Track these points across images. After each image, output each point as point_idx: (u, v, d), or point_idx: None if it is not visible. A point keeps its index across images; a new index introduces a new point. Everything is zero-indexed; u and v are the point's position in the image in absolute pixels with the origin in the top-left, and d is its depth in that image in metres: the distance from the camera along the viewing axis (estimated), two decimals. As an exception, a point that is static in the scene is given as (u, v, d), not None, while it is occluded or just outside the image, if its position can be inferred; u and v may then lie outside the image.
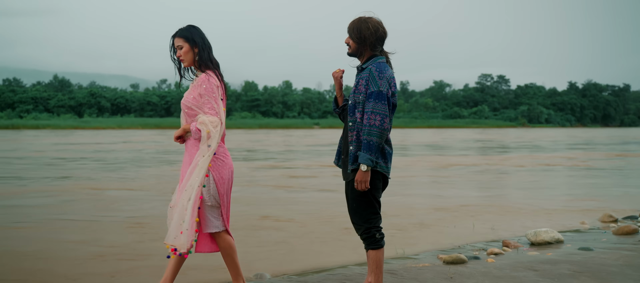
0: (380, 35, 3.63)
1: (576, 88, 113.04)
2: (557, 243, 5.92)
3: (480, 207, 8.55)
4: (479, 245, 5.93)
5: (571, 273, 4.47)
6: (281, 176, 13.15)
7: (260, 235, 6.49)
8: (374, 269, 3.67)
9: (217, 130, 3.39)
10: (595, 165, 16.85)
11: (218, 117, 3.42)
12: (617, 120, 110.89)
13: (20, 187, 10.80)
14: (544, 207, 8.54)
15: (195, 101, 3.45)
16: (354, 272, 4.74)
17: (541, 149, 25.88)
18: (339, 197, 8.98)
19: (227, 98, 3.66)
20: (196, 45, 3.52)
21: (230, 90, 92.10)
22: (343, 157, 3.79)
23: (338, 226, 6.91)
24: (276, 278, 4.63)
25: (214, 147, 3.40)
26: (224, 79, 3.63)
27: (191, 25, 3.59)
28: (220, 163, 3.49)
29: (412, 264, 4.96)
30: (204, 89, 3.43)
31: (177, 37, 3.55)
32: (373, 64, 3.61)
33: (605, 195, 10.07)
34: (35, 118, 71.67)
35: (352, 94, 3.68)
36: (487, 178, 13.19)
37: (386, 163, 3.64)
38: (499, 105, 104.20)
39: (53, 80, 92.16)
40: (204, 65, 3.53)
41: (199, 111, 3.44)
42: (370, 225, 3.66)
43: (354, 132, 3.63)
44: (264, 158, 19.11)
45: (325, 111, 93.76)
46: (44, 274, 4.78)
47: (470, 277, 4.42)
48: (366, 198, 3.63)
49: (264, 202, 9.00)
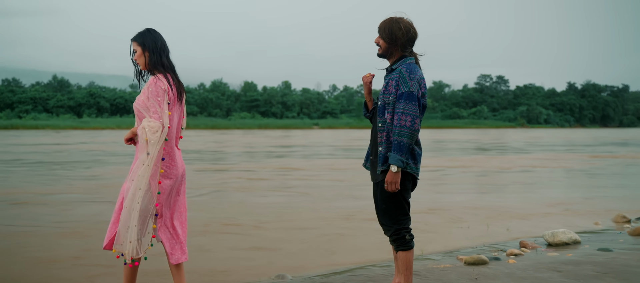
0: (411, 36, 3.62)
1: (575, 88, 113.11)
2: (575, 244, 5.92)
3: (488, 208, 8.54)
4: (496, 246, 5.91)
5: (596, 274, 4.46)
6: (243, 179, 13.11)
7: (267, 237, 6.48)
8: (403, 270, 3.65)
9: (157, 136, 3.31)
10: (572, 166, 16.84)
11: (160, 121, 3.36)
12: (616, 121, 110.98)
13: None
14: (554, 208, 8.53)
15: (143, 104, 3.40)
16: (376, 273, 4.72)
17: (525, 151, 25.89)
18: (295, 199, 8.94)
19: (182, 102, 3.57)
20: (147, 49, 3.51)
21: (229, 90, 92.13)
22: (372, 158, 3.78)
23: (339, 225, 6.89)
24: (297, 278, 4.62)
25: (154, 154, 3.32)
26: (179, 82, 3.54)
27: (147, 29, 3.57)
28: (165, 168, 3.43)
29: (432, 265, 4.95)
30: (150, 92, 3.38)
31: (132, 40, 3.56)
32: (403, 64, 3.60)
33: (605, 196, 10.07)
34: (34, 118, 71.52)
35: (381, 95, 3.66)
36: (489, 179, 13.18)
37: (416, 165, 3.63)
38: (498, 105, 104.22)
39: (52, 81, 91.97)
40: (154, 69, 3.50)
41: (146, 114, 3.40)
42: (400, 227, 3.65)
43: (383, 133, 3.61)
44: (211, 160, 19.08)
45: (324, 111, 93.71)
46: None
47: (495, 278, 4.41)
48: (396, 200, 3.62)
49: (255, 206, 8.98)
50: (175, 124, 3.50)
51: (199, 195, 9.68)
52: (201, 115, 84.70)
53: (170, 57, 3.58)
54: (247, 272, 4.93)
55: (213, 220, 7.45)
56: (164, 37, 3.59)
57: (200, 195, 9.78)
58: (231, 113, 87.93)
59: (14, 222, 7.24)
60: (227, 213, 8.03)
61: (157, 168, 3.35)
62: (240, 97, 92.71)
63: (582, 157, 20.84)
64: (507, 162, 17.96)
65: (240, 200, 9.30)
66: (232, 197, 9.77)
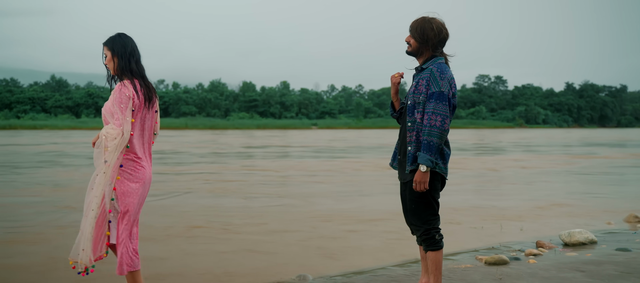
0: (443, 36, 3.61)
1: (573, 89, 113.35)
2: (591, 244, 5.92)
3: (498, 208, 8.54)
4: (512, 246, 5.90)
5: (619, 274, 4.46)
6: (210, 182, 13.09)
7: (274, 239, 6.46)
8: (433, 270, 3.64)
9: (115, 143, 3.29)
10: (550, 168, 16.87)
11: (121, 129, 3.32)
12: (614, 121, 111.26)
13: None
14: (562, 208, 8.53)
15: (109, 110, 3.39)
16: (397, 273, 4.72)
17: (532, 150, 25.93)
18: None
19: (153, 107, 3.53)
20: (116, 54, 3.49)
21: (227, 90, 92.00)
22: (400, 157, 3.77)
23: (341, 226, 6.88)
24: (319, 279, 4.61)
25: (111, 161, 3.30)
26: (148, 87, 3.50)
27: (118, 33, 3.55)
28: (127, 176, 3.39)
29: (453, 265, 4.94)
30: (115, 98, 3.37)
31: (104, 45, 3.54)
32: (433, 64, 3.59)
33: (608, 197, 10.08)
34: (32, 118, 71.42)
35: (411, 94, 3.65)
36: (492, 179, 13.19)
37: (445, 164, 3.62)
38: (497, 105, 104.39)
39: (50, 81, 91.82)
40: (123, 74, 3.48)
41: (111, 120, 3.37)
42: (429, 226, 3.64)
43: (413, 132, 3.60)
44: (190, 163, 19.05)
45: (323, 112, 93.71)
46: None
47: (519, 278, 4.41)
48: (425, 199, 3.61)
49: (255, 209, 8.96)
50: (142, 130, 3.46)
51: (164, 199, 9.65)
52: (200, 115, 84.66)
53: (140, 62, 3.54)
54: (266, 272, 4.92)
55: (210, 223, 7.44)
56: (135, 42, 3.55)
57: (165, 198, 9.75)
58: (230, 113, 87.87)
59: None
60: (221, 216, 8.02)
61: (115, 174, 3.33)
62: (238, 97, 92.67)
63: (574, 158, 20.87)
64: (497, 163, 17.98)
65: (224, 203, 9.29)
66: (201, 200, 9.76)
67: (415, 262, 5.19)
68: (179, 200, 9.17)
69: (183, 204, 8.73)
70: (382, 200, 9.32)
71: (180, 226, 6.95)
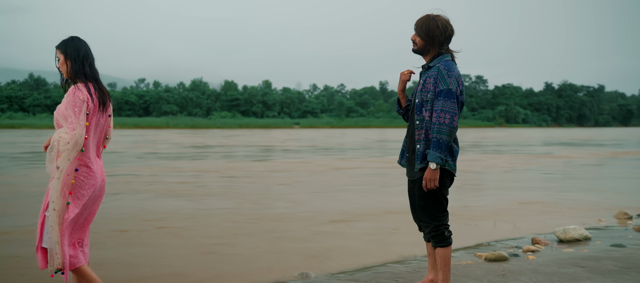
0: (449, 33, 3.64)
1: (552, 88, 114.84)
2: (585, 240, 6.00)
3: (488, 206, 8.62)
4: (509, 243, 5.96)
5: (619, 269, 4.53)
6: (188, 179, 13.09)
7: (276, 237, 6.46)
8: (442, 267, 3.67)
9: (68, 147, 3.26)
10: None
11: (74, 133, 3.29)
12: (592, 120, 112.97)
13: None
14: (554, 205, 8.64)
15: (62, 114, 3.36)
16: (400, 270, 4.74)
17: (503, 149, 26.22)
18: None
19: (107, 111, 3.51)
20: (69, 57, 3.46)
21: (209, 89, 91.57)
22: (408, 155, 3.79)
23: (342, 225, 6.90)
24: (322, 277, 4.61)
25: (64, 166, 3.26)
26: (102, 91, 3.47)
27: (71, 37, 3.52)
28: (81, 180, 3.37)
29: (453, 262, 4.97)
30: (68, 101, 3.34)
31: (56, 48, 3.51)
32: (441, 62, 3.62)
33: (595, 193, 10.24)
34: (10, 117, 70.36)
35: (419, 93, 3.68)
36: (479, 177, 13.31)
37: (454, 161, 3.65)
38: (477, 105, 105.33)
39: (28, 79, 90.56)
40: (76, 77, 3.44)
41: (64, 124, 3.34)
42: (438, 223, 3.67)
43: (422, 130, 3.62)
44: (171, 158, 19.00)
45: (305, 111, 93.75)
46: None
47: (521, 273, 4.46)
48: (435, 196, 3.64)
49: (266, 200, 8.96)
50: (95, 134, 3.44)
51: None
52: (181, 114, 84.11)
53: (94, 65, 3.51)
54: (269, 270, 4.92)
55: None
56: (88, 46, 3.52)
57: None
58: (211, 112, 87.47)
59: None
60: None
61: (69, 179, 3.29)
62: (220, 96, 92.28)
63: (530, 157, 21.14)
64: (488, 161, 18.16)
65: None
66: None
67: (414, 259, 5.22)
68: (156, 202, 9.12)
69: (178, 206, 8.69)
70: (356, 197, 9.36)
71: (174, 226, 6.92)
